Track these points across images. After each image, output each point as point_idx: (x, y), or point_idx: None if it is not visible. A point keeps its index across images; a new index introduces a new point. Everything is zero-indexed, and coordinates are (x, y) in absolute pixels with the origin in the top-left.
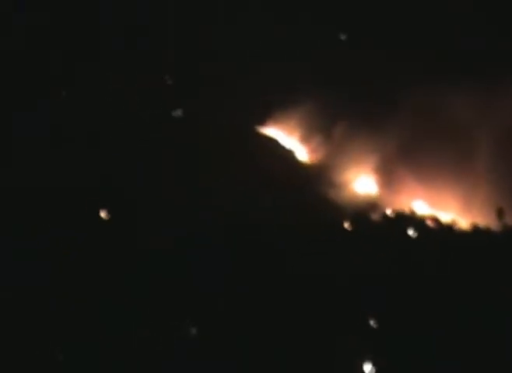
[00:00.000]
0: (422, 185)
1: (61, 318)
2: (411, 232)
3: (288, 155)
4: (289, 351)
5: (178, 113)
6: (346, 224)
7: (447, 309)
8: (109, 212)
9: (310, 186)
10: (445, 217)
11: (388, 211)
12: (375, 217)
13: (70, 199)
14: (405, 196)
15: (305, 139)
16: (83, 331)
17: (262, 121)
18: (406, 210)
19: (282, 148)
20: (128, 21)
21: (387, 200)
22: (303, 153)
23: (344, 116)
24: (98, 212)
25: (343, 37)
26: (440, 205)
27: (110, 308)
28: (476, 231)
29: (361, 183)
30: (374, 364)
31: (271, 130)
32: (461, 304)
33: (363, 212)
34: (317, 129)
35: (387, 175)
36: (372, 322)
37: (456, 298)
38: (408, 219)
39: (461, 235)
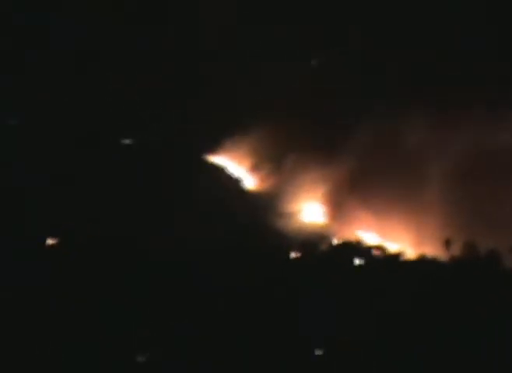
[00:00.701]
0: (370, 215)
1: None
2: (357, 261)
3: (235, 183)
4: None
5: (126, 141)
6: (293, 254)
7: (390, 334)
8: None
9: (257, 215)
10: (392, 247)
11: (335, 241)
12: (322, 246)
13: None
14: (353, 226)
15: (254, 168)
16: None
17: (211, 149)
18: (353, 239)
19: (230, 176)
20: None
21: (334, 229)
22: (251, 182)
23: (294, 145)
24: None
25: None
26: (388, 235)
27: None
28: (423, 261)
29: (309, 212)
30: None
31: (219, 159)
32: (404, 330)
33: (311, 241)
34: (266, 158)
35: (336, 204)
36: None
37: (400, 324)
38: (354, 248)
39: (408, 264)
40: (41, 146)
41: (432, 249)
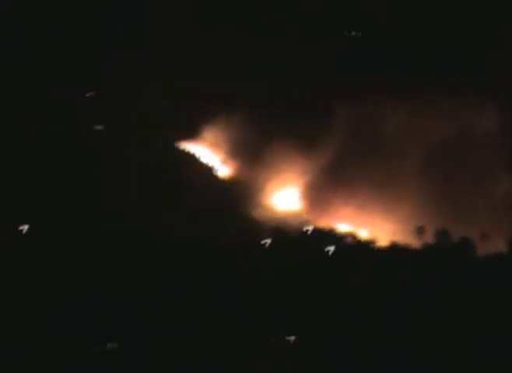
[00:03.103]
0: (345, 203)
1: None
2: (330, 248)
3: (210, 171)
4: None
5: (99, 127)
6: (266, 240)
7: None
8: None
9: (231, 202)
10: (365, 234)
11: (308, 228)
12: (295, 233)
13: None
14: (327, 214)
15: (230, 156)
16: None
17: (185, 136)
18: (326, 226)
19: (204, 164)
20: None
21: (308, 216)
22: (226, 170)
23: (271, 134)
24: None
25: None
26: (361, 223)
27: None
28: (396, 248)
29: (284, 199)
30: None
31: (193, 146)
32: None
33: (283, 228)
34: (242, 146)
35: (311, 192)
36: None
37: (373, 313)
38: (327, 235)
39: (380, 251)
40: (15, 135)
41: (404, 237)
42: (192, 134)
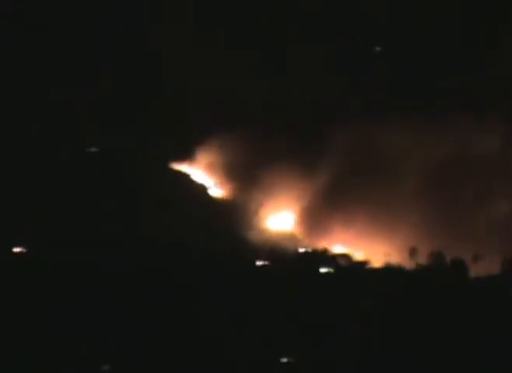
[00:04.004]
0: (339, 225)
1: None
2: (323, 269)
3: (205, 192)
4: None
5: (93, 148)
6: (260, 262)
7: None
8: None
9: (225, 224)
10: (359, 255)
11: (302, 249)
12: (289, 254)
13: None
14: (321, 235)
15: (225, 177)
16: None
17: (182, 158)
18: (320, 248)
19: (200, 185)
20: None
21: (303, 238)
22: (221, 191)
23: (266, 155)
24: None
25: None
26: (355, 244)
27: None
28: (389, 269)
29: (279, 220)
30: None
31: (189, 168)
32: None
33: (278, 249)
34: (238, 168)
35: (306, 214)
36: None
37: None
38: (321, 257)
39: (374, 272)
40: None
41: (398, 258)
42: (187, 155)
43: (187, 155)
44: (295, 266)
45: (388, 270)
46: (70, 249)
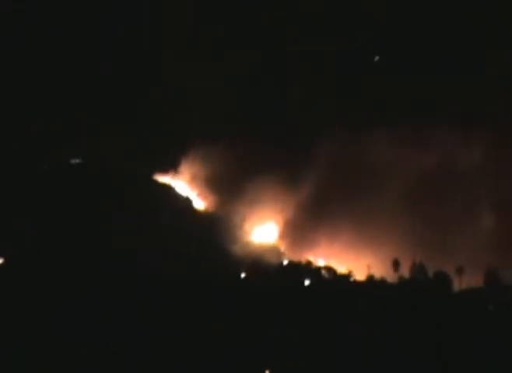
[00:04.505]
0: (322, 237)
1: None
2: (307, 282)
3: (187, 204)
4: None
5: (76, 160)
6: (243, 274)
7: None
8: None
9: (208, 235)
10: (341, 268)
11: (285, 261)
12: (272, 266)
13: None
14: (305, 248)
15: (209, 190)
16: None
17: (164, 170)
18: (304, 260)
19: (183, 197)
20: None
21: (286, 250)
22: (204, 203)
23: (250, 167)
24: None
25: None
26: (338, 257)
27: None
28: (372, 281)
29: (262, 232)
30: None
31: (172, 180)
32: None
33: (261, 262)
34: (221, 180)
35: (289, 226)
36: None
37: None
38: (304, 269)
39: (357, 285)
40: None
41: (381, 270)
42: (171, 167)
43: (171, 167)
44: (278, 279)
45: (371, 283)
46: (48, 260)
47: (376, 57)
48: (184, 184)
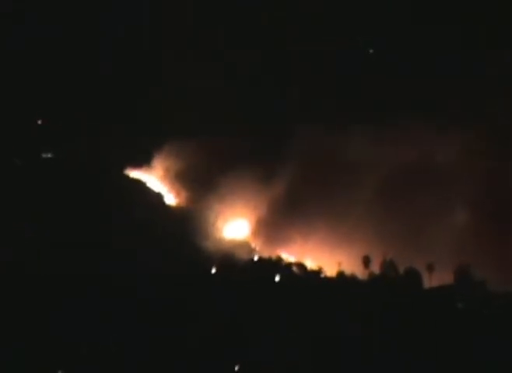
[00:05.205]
0: (293, 233)
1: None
2: (277, 278)
3: (156, 199)
4: None
5: (48, 155)
6: (213, 269)
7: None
8: None
9: (179, 231)
10: (312, 264)
11: (256, 257)
12: (242, 262)
13: None
14: (276, 244)
15: (181, 185)
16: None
17: (136, 164)
18: (274, 256)
19: (151, 191)
20: None
21: (257, 246)
22: (174, 198)
23: (223, 162)
24: None
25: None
26: (309, 253)
27: None
28: (342, 277)
29: (233, 228)
30: None
31: (144, 175)
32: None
33: (231, 257)
34: (193, 174)
35: (260, 222)
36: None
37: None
38: (275, 265)
39: (326, 280)
40: None
41: (352, 267)
42: (144, 161)
43: (143, 161)
44: (248, 274)
45: (341, 279)
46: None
47: (371, 50)
48: (156, 179)
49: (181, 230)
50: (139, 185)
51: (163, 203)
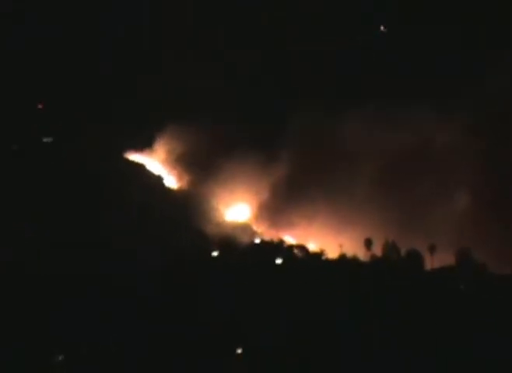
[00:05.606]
0: (295, 216)
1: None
2: (278, 260)
3: (156, 182)
4: None
5: (48, 139)
6: (215, 252)
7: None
8: None
9: (180, 213)
10: (313, 247)
11: (257, 240)
12: (244, 245)
13: None
14: (277, 226)
15: (183, 168)
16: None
17: (138, 147)
18: (276, 239)
19: (151, 174)
20: None
21: (258, 229)
22: (176, 181)
23: (225, 146)
24: None
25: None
26: (310, 236)
27: None
28: (344, 260)
29: (234, 211)
30: None
31: (145, 158)
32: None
33: (232, 240)
34: (194, 158)
35: (261, 205)
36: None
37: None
38: (276, 248)
39: (329, 263)
40: None
41: (354, 249)
42: (145, 144)
43: (144, 144)
44: (250, 257)
45: (343, 261)
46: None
47: (382, 28)
48: (158, 162)
49: (183, 213)
50: (139, 168)
51: (163, 186)
